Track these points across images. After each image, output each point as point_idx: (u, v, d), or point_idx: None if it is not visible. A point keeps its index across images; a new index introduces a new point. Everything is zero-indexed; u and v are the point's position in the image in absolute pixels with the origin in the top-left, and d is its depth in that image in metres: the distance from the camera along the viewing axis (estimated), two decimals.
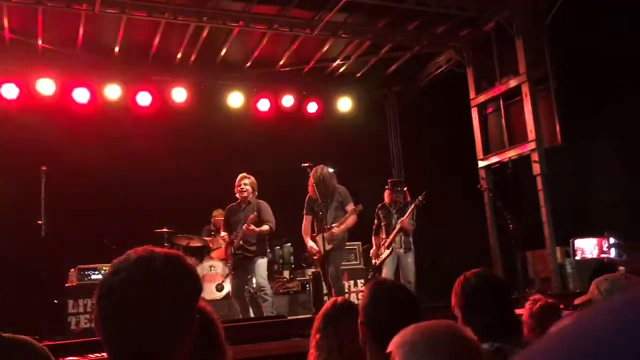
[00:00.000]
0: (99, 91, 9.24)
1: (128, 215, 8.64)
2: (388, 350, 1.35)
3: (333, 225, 6.66)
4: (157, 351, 1.28)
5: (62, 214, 7.66)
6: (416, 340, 1.33)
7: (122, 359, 1.30)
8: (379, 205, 7.52)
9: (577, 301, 3.02)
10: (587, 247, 7.55)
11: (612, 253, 2.23)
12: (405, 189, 7.59)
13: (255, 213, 6.63)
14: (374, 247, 7.46)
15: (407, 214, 7.18)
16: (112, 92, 9.27)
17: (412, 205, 7.20)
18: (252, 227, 6.57)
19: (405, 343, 1.33)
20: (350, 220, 6.75)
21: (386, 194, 7.49)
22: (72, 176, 8.44)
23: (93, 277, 7.56)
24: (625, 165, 7.61)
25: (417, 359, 1.30)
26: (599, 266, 7.18)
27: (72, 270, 7.73)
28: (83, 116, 9.12)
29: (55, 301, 7.59)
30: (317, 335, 2.48)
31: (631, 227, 6.82)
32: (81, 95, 9.16)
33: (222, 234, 7.12)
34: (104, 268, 7.47)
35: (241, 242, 6.70)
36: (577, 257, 7.71)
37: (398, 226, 7.18)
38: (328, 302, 2.67)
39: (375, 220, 7.50)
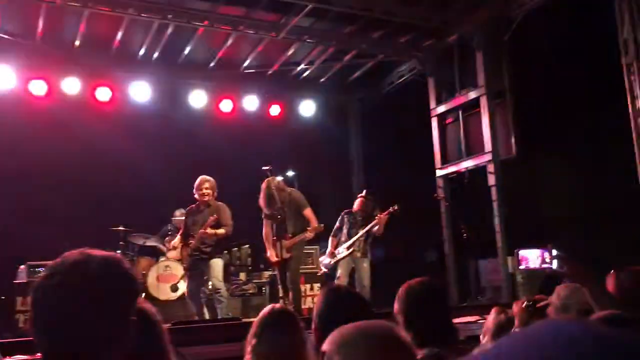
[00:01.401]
0: (57, 84, 9.05)
1: (84, 211, 8.47)
2: (324, 349, 1.36)
3: (293, 235, 6.67)
4: (92, 355, 1.28)
5: (13, 210, 7.47)
6: (358, 340, 1.34)
7: None
8: (346, 210, 7.60)
9: (539, 305, 3.10)
10: (531, 257, 7.75)
11: (554, 264, 2.32)
12: (373, 201, 7.75)
13: (214, 215, 6.60)
14: (330, 248, 7.52)
15: (374, 222, 7.29)
16: (71, 85, 9.09)
17: (384, 213, 7.30)
18: (209, 230, 6.55)
19: (346, 343, 1.34)
20: (308, 234, 6.75)
21: (358, 201, 7.58)
22: (24, 170, 8.23)
23: None
24: (576, 181, 7.88)
25: (359, 359, 1.31)
26: (548, 278, 7.42)
27: (22, 267, 7.54)
28: (39, 109, 8.91)
29: (3, 297, 7.39)
30: (254, 341, 2.47)
31: (576, 241, 7.08)
32: (38, 87, 8.95)
33: (176, 238, 7.13)
34: None
35: (198, 244, 6.68)
36: (522, 267, 7.91)
37: (367, 229, 7.26)
38: (265, 309, 2.66)
39: (338, 224, 7.56)
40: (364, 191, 7.78)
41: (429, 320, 2.28)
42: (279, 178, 6.98)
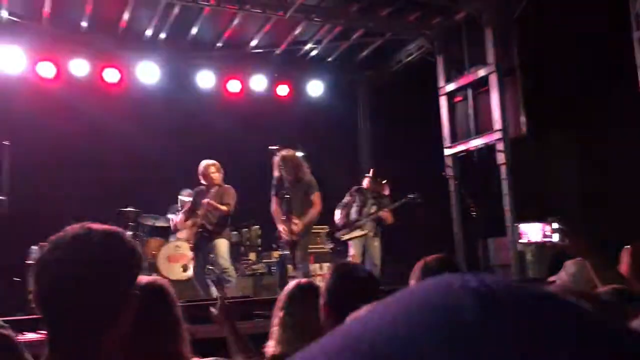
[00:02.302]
0: (65, 66, 9.05)
1: (93, 193, 8.52)
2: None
3: (299, 217, 6.66)
4: (94, 328, 1.28)
5: (25, 190, 7.53)
6: None
7: (60, 336, 1.30)
8: (356, 187, 7.62)
9: (550, 279, 3.10)
10: (531, 231, 7.74)
11: (555, 237, 2.30)
12: (384, 182, 7.74)
13: (216, 189, 6.76)
14: (340, 219, 7.53)
15: (394, 206, 7.34)
16: (79, 67, 9.10)
17: (403, 200, 7.30)
18: (213, 202, 6.65)
19: None
20: (311, 214, 6.68)
21: (366, 180, 7.63)
22: (36, 152, 8.28)
23: None
24: (584, 159, 7.83)
25: None
26: (558, 255, 7.41)
27: (34, 247, 7.61)
28: (48, 91, 8.94)
29: (17, 279, 7.48)
30: (281, 313, 2.53)
31: (579, 214, 7.03)
32: (47, 69, 8.96)
33: (179, 216, 7.21)
34: None
35: (203, 221, 6.78)
36: (522, 240, 7.90)
37: (381, 213, 7.31)
38: (291, 283, 2.72)
39: (348, 197, 7.59)
40: (371, 171, 7.77)
41: None
42: (300, 154, 6.96)
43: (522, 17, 8.44)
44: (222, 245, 6.80)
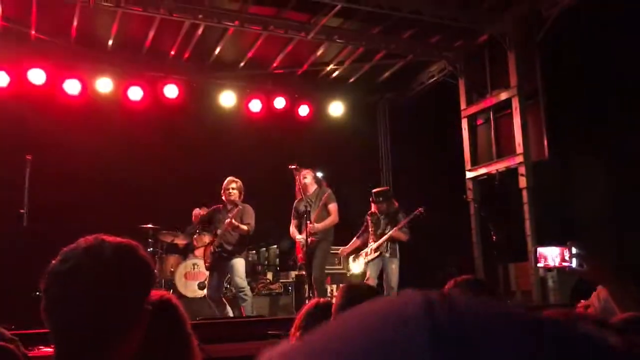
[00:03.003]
0: (90, 84, 9.21)
1: (113, 209, 8.58)
2: None
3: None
4: (102, 344, 1.25)
5: (46, 205, 7.61)
6: None
7: (66, 350, 1.27)
8: (370, 211, 7.54)
9: (579, 305, 3.00)
10: (550, 255, 7.57)
11: (574, 263, 2.21)
12: (390, 195, 7.61)
13: (238, 207, 6.75)
14: (349, 245, 7.51)
15: (400, 224, 7.21)
16: (104, 85, 9.25)
17: (410, 217, 7.22)
18: (234, 221, 6.65)
19: None
20: (329, 220, 6.90)
21: (372, 204, 7.53)
22: (58, 167, 8.39)
23: None
24: (609, 185, 7.69)
25: None
26: (580, 281, 7.24)
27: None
28: (73, 108, 9.08)
29: (37, 293, 7.52)
30: (298, 333, 2.49)
31: (600, 240, 6.87)
32: (72, 86, 9.12)
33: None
34: None
35: (221, 241, 6.75)
36: (540, 265, 7.73)
37: (391, 233, 7.20)
38: (310, 302, 2.68)
39: (363, 225, 7.52)
40: (372, 192, 7.57)
41: None
42: (319, 174, 7.08)
43: (545, 40, 8.39)
44: (240, 264, 6.78)
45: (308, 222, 6.70)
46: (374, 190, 7.64)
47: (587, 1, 7.77)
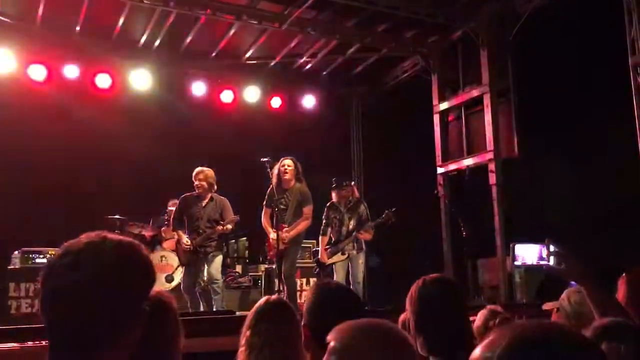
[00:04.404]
0: (57, 69, 8.95)
1: (79, 199, 8.40)
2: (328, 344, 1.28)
3: (288, 227, 6.64)
4: (96, 342, 1.21)
5: (8, 195, 7.39)
6: (362, 344, 1.27)
7: (58, 346, 1.23)
8: (328, 204, 7.31)
9: (545, 306, 2.97)
10: (528, 253, 7.71)
11: (551, 261, 2.19)
12: (352, 184, 7.48)
13: (235, 217, 6.66)
14: (321, 247, 7.35)
15: (370, 225, 7.07)
16: (71, 71, 9.00)
17: (378, 220, 7.07)
18: (228, 226, 6.59)
19: (349, 347, 1.27)
20: (302, 225, 6.72)
21: (333, 193, 7.38)
22: (22, 156, 8.15)
23: (37, 260, 7.32)
24: (578, 183, 7.81)
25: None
26: (547, 279, 7.34)
27: (16, 252, 7.46)
28: (38, 94, 8.82)
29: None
30: (248, 332, 2.42)
31: (577, 239, 6.98)
32: (38, 72, 8.86)
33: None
34: (50, 252, 7.24)
35: (203, 242, 6.61)
36: (518, 262, 7.88)
37: (359, 235, 7.06)
38: (261, 300, 2.61)
39: (324, 220, 7.35)
40: (333, 180, 7.34)
41: (442, 321, 2.11)
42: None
43: (518, 39, 8.46)
44: (218, 259, 6.74)
45: (283, 224, 6.60)
46: (334, 178, 7.42)
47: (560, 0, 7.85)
